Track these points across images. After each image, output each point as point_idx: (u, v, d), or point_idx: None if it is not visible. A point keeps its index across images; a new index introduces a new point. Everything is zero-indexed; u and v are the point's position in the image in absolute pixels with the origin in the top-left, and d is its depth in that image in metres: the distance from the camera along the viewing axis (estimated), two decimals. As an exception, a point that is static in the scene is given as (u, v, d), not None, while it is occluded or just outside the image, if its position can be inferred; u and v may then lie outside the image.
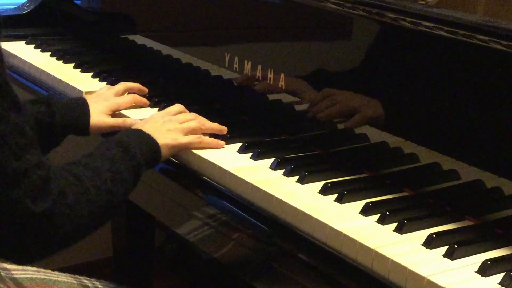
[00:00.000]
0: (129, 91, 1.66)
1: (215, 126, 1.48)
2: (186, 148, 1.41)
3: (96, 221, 1.21)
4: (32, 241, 1.12)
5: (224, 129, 1.49)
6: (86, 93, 1.72)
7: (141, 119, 1.51)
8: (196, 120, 1.47)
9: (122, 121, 1.53)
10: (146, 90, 1.68)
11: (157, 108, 1.63)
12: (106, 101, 1.56)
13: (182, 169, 1.42)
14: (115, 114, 1.57)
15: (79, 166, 1.22)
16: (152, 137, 1.36)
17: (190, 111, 1.56)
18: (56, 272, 1.40)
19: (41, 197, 1.10)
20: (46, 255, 1.18)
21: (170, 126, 1.42)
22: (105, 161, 1.25)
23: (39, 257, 1.18)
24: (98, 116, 1.51)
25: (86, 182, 1.19)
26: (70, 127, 1.47)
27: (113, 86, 1.64)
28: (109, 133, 1.49)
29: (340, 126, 1.49)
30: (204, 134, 1.46)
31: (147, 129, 1.38)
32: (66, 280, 1.42)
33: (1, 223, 1.10)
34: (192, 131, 1.44)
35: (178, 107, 1.50)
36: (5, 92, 1.08)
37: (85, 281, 1.44)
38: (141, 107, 1.63)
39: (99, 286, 1.44)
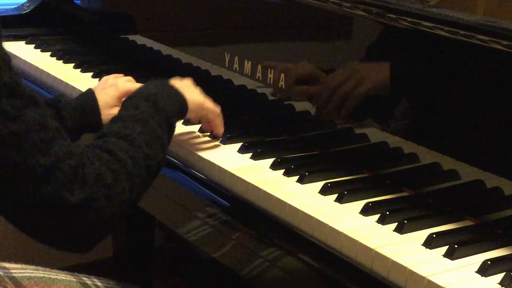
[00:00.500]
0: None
1: (220, 123, 1.47)
2: (208, 111, 1.42)
3: (140, 189, 1.19)
4: (80, 230, 1.11)
5: (221, 132, 1.48)
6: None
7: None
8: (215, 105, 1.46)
9: None
10: None
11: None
12: (115, 87, 1.51)
13: (182, 169, 1.42)
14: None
15: (110, 138, 1.19)
16: (178, 88, 1.35)
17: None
18: (55, 271, 1.40)
19: (78, 186, 1.08)
20: (100, 238, 1.16)
21: (196, 90, 1.42)
22: (136, 123, 1.23)
23: (94, 241, 1.16)
24: (109, 110, 1.48)
25: (121, 155, 1.16)
26: (82, 128, 1.45)
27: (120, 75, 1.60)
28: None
29: (340, 126, 1.49)
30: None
31: (174, 83, 1.36)
32: (65, 278, 1.42)
33: (46, 220, 1.09)
34: (209, 107, 1.43)
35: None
36: (16, 92, 1.07)
37: (85, 278, 1.44)
38: None
39: (99, 284, 1.44)
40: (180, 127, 1.53)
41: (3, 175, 1.05)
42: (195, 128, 1.53)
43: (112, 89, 1.50)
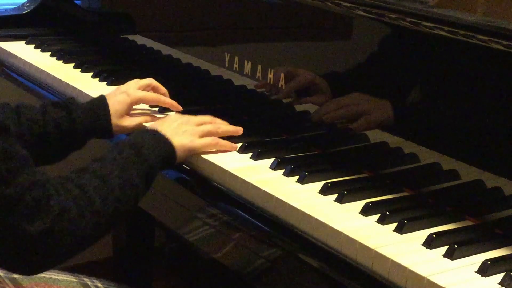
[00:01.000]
0: (153, 89, 1.59)
1: (230, 128, 1.47)
2: (201, 150, 1.40)
3: (102, 230, 1.20)
4: (35, 258, 1.12)
5: (239, 130, 1.47)
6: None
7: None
8: (212, 124, 1.45)
9: (142, 125, 1.50)
10: (166, 94, 1.60)
11: (157, 108, 1.63)
12: (126, 94, 1.51)
13: (182, 169, 1.42)
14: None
15: (86, 174, 1.20)
16: (167, 139, 1.34)
17: (190, 111, 1.55)
18: (55, 271, 1.40)
19: (39, 217, 1.09)
20: (51, 267, 1.19)
21: (187, 127, 1.40)
22: (115, 166, 1.23)
23: (44, 269, 1.19)
24: (119, 118, 1.48)
25: (91, 192, 1.17)
26: (92, 132, 1.45)
27: (140, 80, 1.58)
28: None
29: (340, 126, 1.49)
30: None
31: (163, 130, 1.36)
32: (66, 278, 1.42)
33: (5, 247, 1.10)
34: (208, 134, 1.42)
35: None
36: None
37: (85, 279, 1.44)
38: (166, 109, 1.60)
39: (99, 285, 1.44)
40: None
41: None
42: (195, 128, 1.53)
43: (123, 96, 1.50)
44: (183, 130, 1.39)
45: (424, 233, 1.13)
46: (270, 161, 1.38)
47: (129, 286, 1.50)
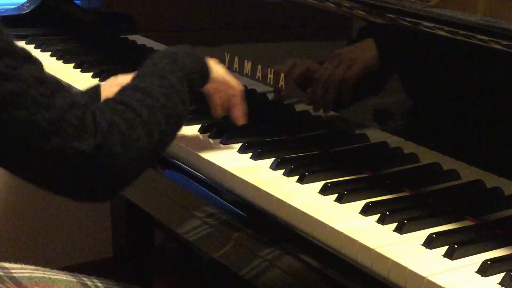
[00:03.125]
0: None
1: (241, 112, 1.44)
2: (227, 84, 1.38)
3: (161, 139, 1.17)
4: (97, 178, 1.09)
5: (243, 120, 1.44)
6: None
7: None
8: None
9: None
10: None
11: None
12: (120, 85, 1.51)
13: (182, 169, 1.42)
14: None
15: (126, 91, 1.18)
16: (199, 53, 1.33)
17: (189, 111, 1.55)
18: (55, 271, 1.40)
19: (87, 134, 1.06)
20: (119, 186, 1.14)
21: (216, 62, 1.39)
22: (154, 77, 1.21)
23: (113, 189, 1.14)
24: None
25: (136, 105, 1.15)
26: None
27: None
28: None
29: (340, 126, 1.49)
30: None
31: None
32: (65, 278, 1.42)
33: (62, 172, 1.07)
34: (230, 88, 1.41)
35: None
36: (9, 51, 1.06)
37: (85, 279, 1.44)
38: None
39: (99, 284, 1.44)
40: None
41: (11, 135, 1.04)
42: (196, 127, 1.53)
43: (117, 87, 1.50)
44: (216, 63, 1.38)
45: (424, 233, 1.13)
46: (270, 161, 1.38)
47: (129, 284, 1.50)
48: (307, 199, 1.24)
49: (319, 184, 1.29)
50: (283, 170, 1.34)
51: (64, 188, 1.13)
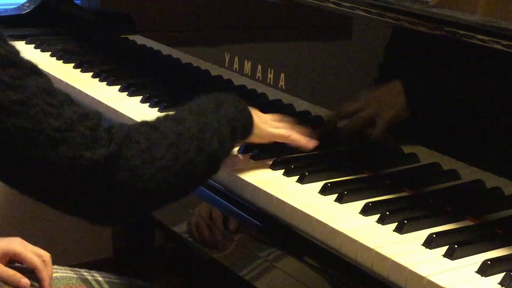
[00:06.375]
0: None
1: (303, 141, 1.37)
2: (274, 137, 1.34)
3: (187, 166, 1.09)
4: (115, 192, 1.02)
5: (311, 144, 1.37)
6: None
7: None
8: (287, 130, 1.36)
9: None
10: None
11: (156, 108, 1.63)
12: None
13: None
14: None
15: (158, 118, 1.12)
16: (246, 106, 1.26)
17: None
18: (54, 266, 1.40)
19: (100, 144, 1.01)
20: (140, 206, 1.07)
21: (263, 117, 1.34)
22: (193, 113, 1.15)
23: (133, 209, 1.07)
24: None
25: (163, 129, 1.08)
26: None
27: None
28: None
29: (340, 125, 1.49)
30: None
31: None
32: (65, 274, 1.41)
33: (71, 186, 1.02)
34: (279, 134, 1.35)
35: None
36: (14, 62, 1.05)
37: (85, 273, 1.44)
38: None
39: (99, 278, 1.44)
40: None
41: (16, 145, 1.00)
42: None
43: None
44: (263, 118, 1.34)
45: (424, 233, 1.13)
46: (270, 161, 1.38)
47: (130, 277, 1.50)
48: (307, 199, 1.24)
49: (319, 184, 1.29)
50: (283, 170, 1.34)
51: (77, 205, 1.06)
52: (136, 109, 1.63)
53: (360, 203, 1.22)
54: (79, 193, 1.03)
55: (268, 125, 1.34)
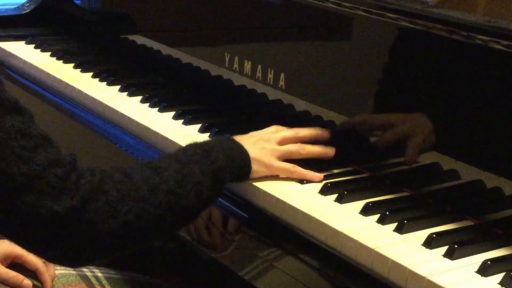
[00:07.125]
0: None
1: (317, 150, 1.33)
2: (277, 173, 1.30)
3: (154, 222, 1.09)
4: (70, 242, 1.04)
5: (330, 152, 1.34)
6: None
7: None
8: (296, 144, 1.32)
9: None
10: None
11: (157, 108, 1.63)
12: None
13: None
14: None
15: (137, 165, 1.12)
16: (242, 147, 1.25)
17: (190, 111, 1.55)
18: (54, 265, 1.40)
19: (65, 194, 1.01)
20: (94, 255, 1.09)
21: (267, 145, 1.29)
22: (176, 162, 1.14)
23: (87, 257, 1.09)
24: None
25: (137, 179, 1.08)
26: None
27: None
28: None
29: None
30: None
31: (241, 140, 1.27)
32: (64, 272, 1.41)
33: (35, 230, 1.03)
34: (290, 155, 1.31)
35: (275, 128, 1.35)
36: None
37: (84, 269, 1.44)
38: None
39: (99, 274, 1.44)
40: (180, 127, 1.53)
41: None
42: (196, 127, 1.53)
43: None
44: (262, 147, 1.29)
45: (424, 233, 1.13)
46: (270, 161, 1.37)
47: (130, 272, 1.50)
48: (307, 199, 1.24)
49: (319, 184, 1.28)
50: (283, 170, 1.34)
51: (41, 250, 1.08)
52: (136, 109, 1.63)
53: (360, 203, 1.22)
54: (42, 240, 1.05)
55: (270, 153, 1.29)
